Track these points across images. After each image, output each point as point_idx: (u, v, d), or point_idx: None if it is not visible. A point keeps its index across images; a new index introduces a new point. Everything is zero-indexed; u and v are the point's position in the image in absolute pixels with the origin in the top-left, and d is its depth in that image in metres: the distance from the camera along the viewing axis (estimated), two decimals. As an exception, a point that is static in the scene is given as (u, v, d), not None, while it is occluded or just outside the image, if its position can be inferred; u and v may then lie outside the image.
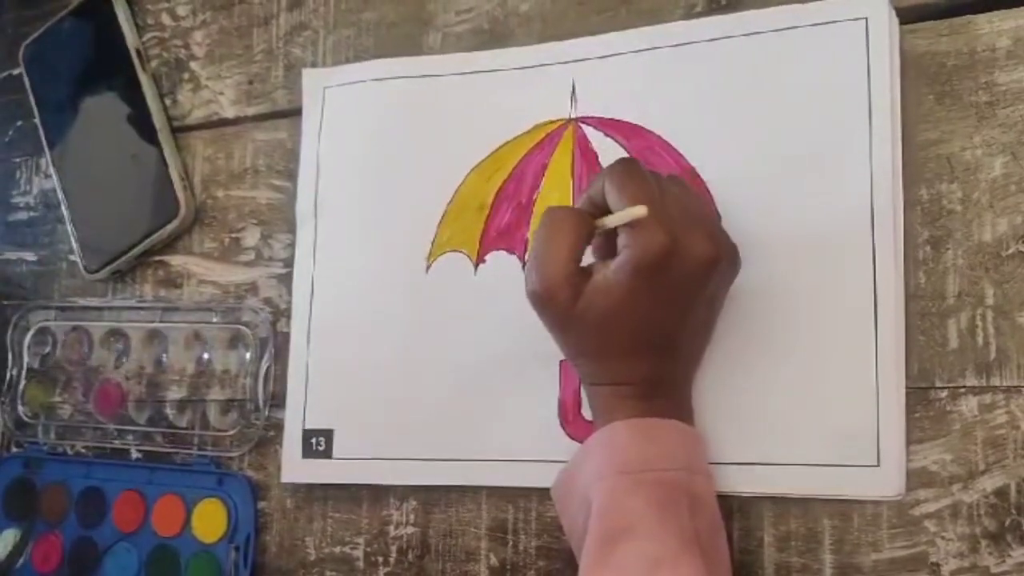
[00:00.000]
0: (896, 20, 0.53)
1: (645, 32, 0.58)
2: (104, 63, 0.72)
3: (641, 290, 0.47)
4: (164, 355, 0.68)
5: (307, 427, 0.62)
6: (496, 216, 0.60)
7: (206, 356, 0.67)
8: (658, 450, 0.49)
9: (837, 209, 0.52)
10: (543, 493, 0.56)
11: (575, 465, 0.52)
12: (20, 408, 0.72)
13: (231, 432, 0.65)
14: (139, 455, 0.68)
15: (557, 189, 0.59)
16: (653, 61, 0.58)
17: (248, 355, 0.65)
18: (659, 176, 0.50)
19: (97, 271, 0.71)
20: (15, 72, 0.76)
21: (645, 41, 0.58)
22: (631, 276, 0.47)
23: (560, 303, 0.49)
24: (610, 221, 0.48)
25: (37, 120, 0.75)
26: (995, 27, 0.51)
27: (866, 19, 0.53)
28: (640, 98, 0.57)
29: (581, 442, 0.55)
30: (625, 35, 0.58)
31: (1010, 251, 0.50)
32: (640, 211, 0.46)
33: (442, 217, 0.61)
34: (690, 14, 0.58)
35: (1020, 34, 0.51)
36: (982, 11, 0.52)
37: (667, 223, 0.47)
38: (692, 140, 0.56)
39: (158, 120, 0.69)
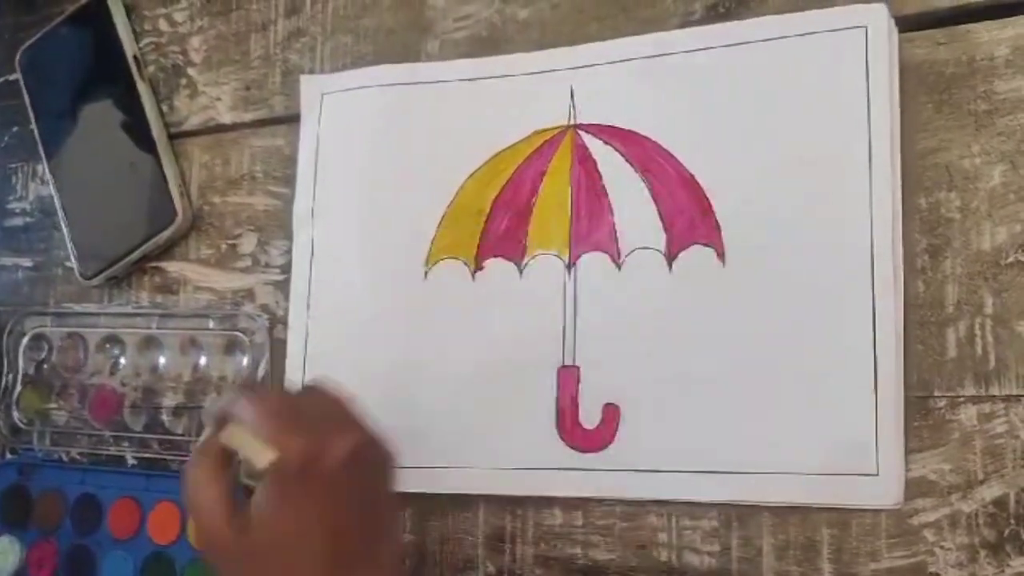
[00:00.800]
0: (895, 29, 0.53)
1: (644, 40, 0.58)
2: (101, 69, 0.72)
3: (298, 502, 0.45)
4: (160, 361, 0.68)
5: (304, 434, 0.62)
6: (494, 223, 0.60)
7: (202, 362, 0.67)
8: None
9: (835, 217, 0.52)
10: (540, 501, 0.56)
11: None
12: (15, 414, 0.72)
13: (227, 439, 0.65)
14: (135, 462, 0.68)
15: (555, 196, 0.58)
16: (652, 68, 0.58)
17: (244, 362, 0.65)
18: (290, 391, 0.51)
19: (93, 277, 0.70)
20: (11, 78, 0.76)
21: (644, 49, 0.58)
22: (281, 492, 0.45)
23: (229, 544, 0.46)
24: (242, 452, 0.47)
25: (33, 126, 0.74)
26: (994, 36, 0.51)
27: (865, 28, 0.53)
28: (638, 105, 0.57)
29: (579, 450, 0.55)
30: (624, 42, 0.58)
31: (1009, 260, 0.50)
32: (268, 455, 0.45)
33: (440, 224, 0.61)
34: (688, 22, 0.58)
35: (1019, 43, 0.51)
36: (981, 20, 0.52)
37: (301, 428, 0.46)
38: (690, 147, 0.56)
39: (155, 126, 0.69)
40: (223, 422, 0.48)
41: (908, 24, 0.53)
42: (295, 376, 0.63)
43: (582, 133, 0.59)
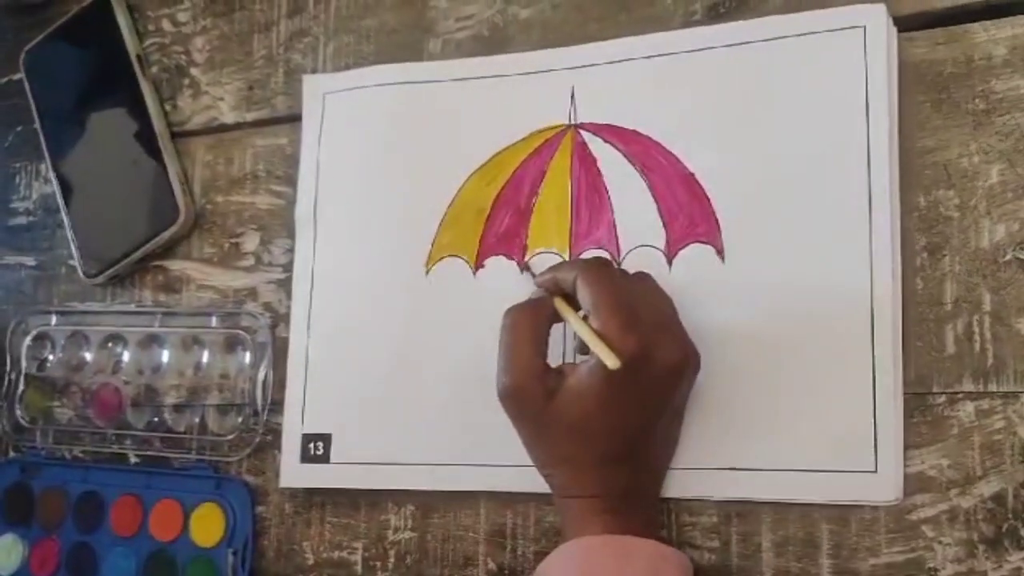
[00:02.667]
0: (894, 28, 0.53)
1: (644, 39, 0.58)
2: (105, 69, 0.72)
3: (614, 396, 0.48)
4: (163, 360, 0.68)
5: (305, 432, 0.62)
6: (495, 221, 0.60)
7: (205, 361, 0.67)
8: (635, 570, 0.48)
9: (834, 216, 0.53)
10: (541, 498, 0.56)
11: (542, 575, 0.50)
12: (18, 413, 0.72)
13: (229, 437, 0.65)
14: (137, 459, 0.68)
15: (556, 194, 0.59)
16: (652, 68, 0.58)
17: (247, 360, 0.65)
18: (628, 276, 0.52)
19: (96, 276, 0.71)
20: (15, 77, 0.77)
21: (644, 48, 0.58)
22: (603, 381, 0.47)
23: (533, 401, 0.49)
24: (584, 345, 0.49)
25: (37, 125, 0.75)
26: (991, 36, 0.52)
27: (864, 27, 0.53)
28: (639, 104, 0.58)
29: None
30: (624, 42, 0.59)
31: (1007, 258, 0.50)
32: (614, 362, 0.46)
33: (441, 222, 0.61)
34: (689, 22, 0.58)
35: (1016, 43, 0.51)
36: (979, 20, 0.52)
37: (638, 328, 0.47)
38: (690, 146, 0.56)
39: (158, 125, 0.70)
40: (556, 289, 0.51)
41: (907, 24, 0.53)
42: (297, 374, 0.63)
43: (582, 132, 0.59)
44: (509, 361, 0.50)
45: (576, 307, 0.51)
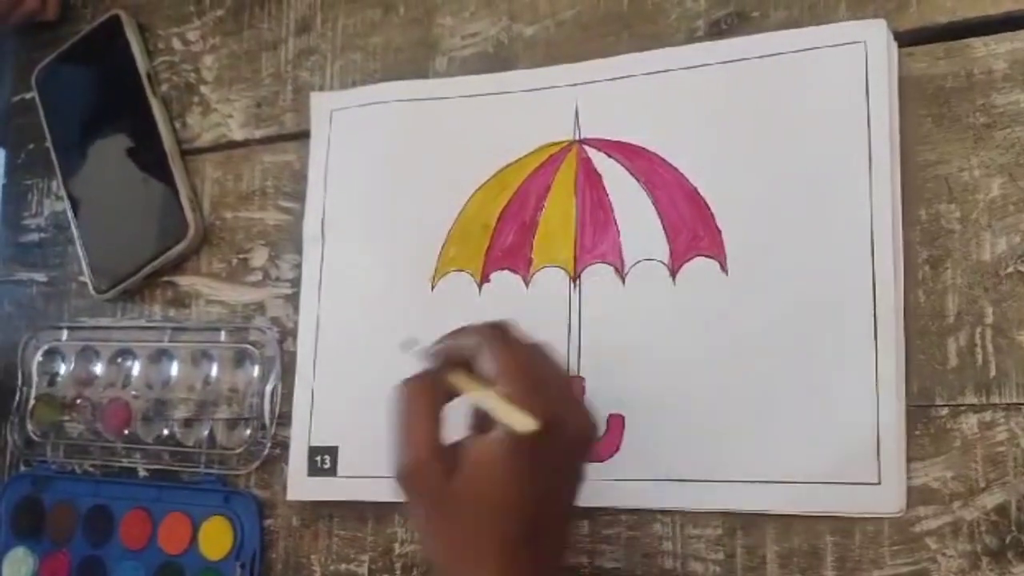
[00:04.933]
0: (894, 44, 0.54)
1: (647, 56, 0.59)
2: (115, 87, 0.73)
3: (525, 465, 0.44)
4: (172, 374, 0.69)
5: (312, 445, 0.62)
6: (500, 236, 0.60)
7: (213, 375, 0.67)
8: None
9: (837, 229, 0.53)
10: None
11: None
12: (29, 427, 0.72)
13: (238, 450, 0.66)
14: (146, 473, 0.69)
15: (561, 209, 0.59)
16: (655, 84, 0.58)
17: (255, 374, 0.66)
18: (530, 344, 0.48)
19: (106, 292, 0.71)
20: (28, 96, 0.78)
21: (647, 65, 0.59)
22: (513, 450, 0.44)
23: (432, 479, 0.45)
24: (481, 421, 0.46)
25: (49, 143, 0.76)
26: (991, 50, 0.52)
27: (865, 43, 0.54)
28: (642, 120, 0.58)
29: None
30: (627, 59, 0.60)
31: (1008, 270, 0.50)
32: (530, 424, 0.43)
33: (447, 237, 0.61)
34: (692, 38, 0.59)
35: (1016, 57, 0.52)
36: (979, 35, 0.52)
37: (548, 392, 0.45)
38: (693, 161, 0.57)
39: (168, 143, 0.71)
40: (455, 358, 0.48)
41: (907, 39, 0.54)
42: (304, 388, 0.63)
43: (587, 147, 0.60)
44: (404, 439, 0.46)
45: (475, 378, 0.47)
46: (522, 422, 0.43)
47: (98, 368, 0.71)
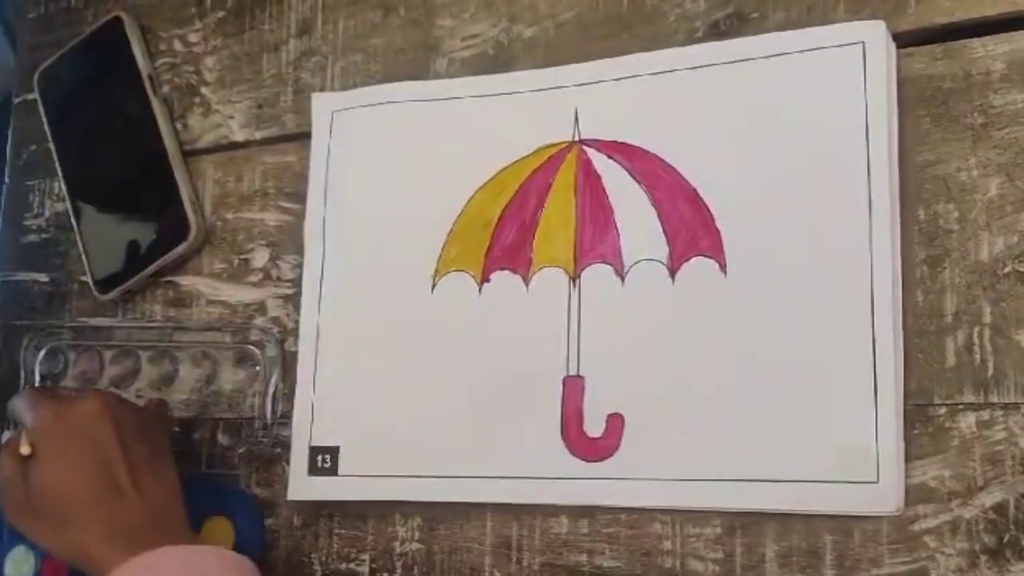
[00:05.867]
0: (893, 44, 0.54)
1: (646, 57, 0.59)
2: (117, 88, 0.73)
3: (59, 450, 0.57)
4: (173, 374, 0.69)
5: (313, 444, 0.63)
6: (500, 236, 0.61)
7: (214, 375, 0.68)
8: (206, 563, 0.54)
9: (835, 229, 0.53)
10: (547, 509, 0.57)
11: None
12: (31, 427, 0.72)
13: (239, 450, 0.66)
14: (148, 473, 0.69)
15: (561, 209, 0.60)
16: (655, 85, 0.59)
17: (256, 374, 0.66)
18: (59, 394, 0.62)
19: (108, 292, 0.72)
20: (29, 97, 0.78)
21: (647, 66, 0.59)
22: (43, 448, 0.57)
23: (21, 496, 0.57)
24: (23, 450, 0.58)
25: (51, 144, 0.76)
26: (989, 51, 0.52)
27: (863, 44, 0.54)
28: (642, 121, 0.59)
29: (584, 459, 0.56)
30: (627, 60, 0.60)
31: (1007, 270, 0.51)
32: (24, 448, 0.57)
33: (447, 237, 0.62)
34: (691, 40, 0.59)
35: (1014, 57, 0.52)
36: (977, 36, 0.53)
37: (44, 409, 0.58)
38: (693, 162, 0.57)
39: (169, 144, 0.71)
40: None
41: (906, 40, 0.54)
42: (305, 388, 0.64)
43: (587, 148, 0.60)
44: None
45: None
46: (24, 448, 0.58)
47: (100, 368, 0.71)
